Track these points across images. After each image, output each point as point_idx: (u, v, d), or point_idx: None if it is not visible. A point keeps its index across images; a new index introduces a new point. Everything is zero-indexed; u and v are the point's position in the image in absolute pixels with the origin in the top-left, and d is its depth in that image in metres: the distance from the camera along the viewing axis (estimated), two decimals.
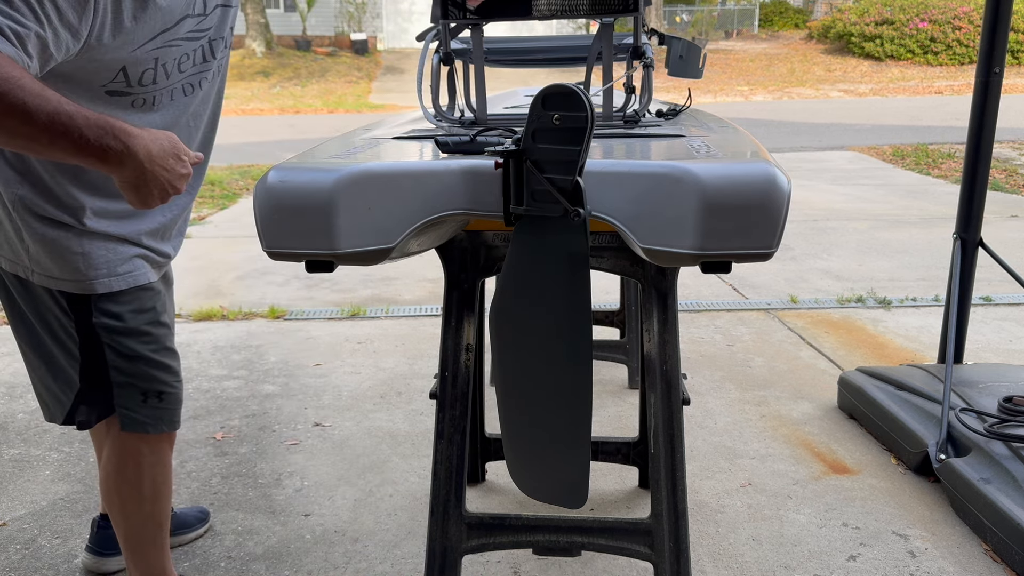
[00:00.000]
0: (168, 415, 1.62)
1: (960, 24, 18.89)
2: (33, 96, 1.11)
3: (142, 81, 1.37)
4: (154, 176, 1.27)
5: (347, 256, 1.19)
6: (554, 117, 1.11)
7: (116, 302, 1.50)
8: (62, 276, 1.46)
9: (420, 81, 1.75)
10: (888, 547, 2.01)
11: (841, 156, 8.63)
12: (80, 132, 1.16)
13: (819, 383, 2.99)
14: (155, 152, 1.26)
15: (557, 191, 1.13)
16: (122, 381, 1.55)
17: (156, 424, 1.60)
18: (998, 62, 2.44)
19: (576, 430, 1.22)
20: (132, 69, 1.34)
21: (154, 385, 1.58)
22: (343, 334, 3.59)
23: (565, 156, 1.12)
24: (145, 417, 1.58)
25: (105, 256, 1.47)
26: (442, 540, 1.56)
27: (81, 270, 1.45)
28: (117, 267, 1.49)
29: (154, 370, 1.57)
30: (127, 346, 1.53)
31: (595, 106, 1.22)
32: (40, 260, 1.45)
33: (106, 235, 1.47)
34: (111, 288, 1.49)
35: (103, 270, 1.47)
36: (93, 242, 1.45)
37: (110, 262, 1.48)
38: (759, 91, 16.83)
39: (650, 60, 1.80)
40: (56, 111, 1.14)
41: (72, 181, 1.42)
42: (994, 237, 2.85)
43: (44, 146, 1.17)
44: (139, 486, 1.64)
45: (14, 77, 1.10)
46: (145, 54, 1.34)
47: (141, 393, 1.56)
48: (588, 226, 1.14)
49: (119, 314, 1.51)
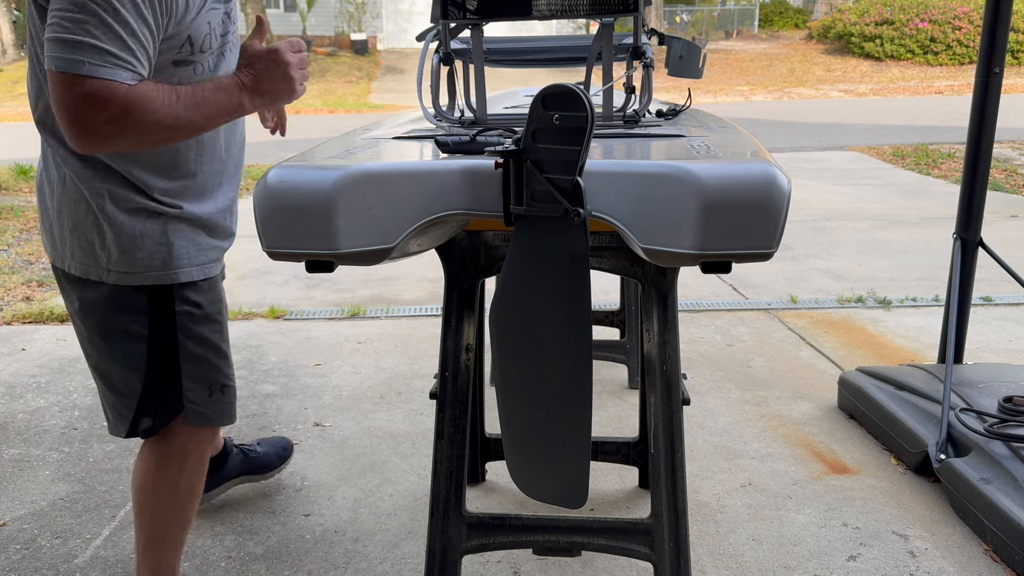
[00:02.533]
0: (228, 408, 1.68)
1: (960, 24, 18.89)
2: (174, 105, 1.33)
3: (202, 47, 1.43)
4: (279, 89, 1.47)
5: (347, 256, 1.19)
6: (554, 117, 1.11)
7: (196, 290, 1.57)
8: (145, 270, 1.51)
9: (420, 81, 1.75)
10: (888, 547, 2.01)
11: (841, 156, 8.63)
12: (220, 106, 1.40)
13: (819, 383, 2.99)
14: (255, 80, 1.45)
15: (557, 191, 1.13)
16: (193, 373, 1.60)
17: (220, 417, 1.66)
18: (998, 62, 2.43)
19: (576, 430, 1.22)
20: (195, 35, 1.40)
21: (219, 378, 1.64)
22: (343, 334, 3.59)
23: (565, 156, 1.12)
24: (211, 411, 1.64)
25: (186, 247, 1.54)
26: (442, 540, 1.56)
27: (166, 260, 1.52)
28: (197, 257, 1.56)
29: (220, 360, 1.64)
30: (202, 335, 1.59)
31: (595, 106, 1.22)
32: (121, 259, 1.49)
33: (188, 224, 1.54)
34: (192, 277, 1.56)
35: (185, 260, 1.54)
36: (176, 233, 1.52)
37: (191, 252, 1.55)
38: (759, 91, 16.83)
39: (650, 60, 1.80)
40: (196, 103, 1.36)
41: (146, 169, 1.48)
42: (994, 237, 2.85)
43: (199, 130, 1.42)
44: (176, 487, 1.67)
45: (157, 98, 1.31)
46: (201, 18, 1.40)
47: (208, 387, 1.62)
48: (588, 226, 1.14)
49: (198, 302, 1.58)
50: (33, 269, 4.74)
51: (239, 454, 2.27)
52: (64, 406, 2.89)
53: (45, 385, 3.07)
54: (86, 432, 2.69)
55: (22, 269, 4.73)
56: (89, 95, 1.24)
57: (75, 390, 3.03)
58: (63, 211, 1.50)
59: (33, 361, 3.32)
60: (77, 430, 2.70)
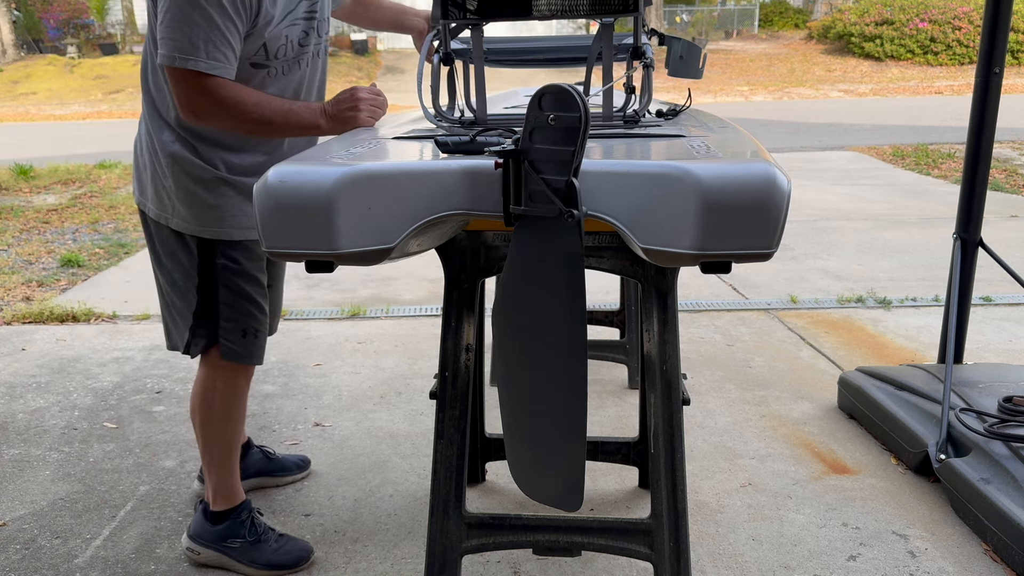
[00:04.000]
0: (259, 350, 1.94)
1: (960, 24, 18.88)
2: (265, 106, 1.69)
3: (276, 55, 1.75)
4: (347, 118, 1.76)
5: (347, 256, 1.19)
6: (549, 117, 1.11)
7: (235, 248, 1.84)
8: (198, 224, 1.80)
9: (420, 81, 1.76)
10: (888, 547, 2.01)
11: (841, 156, 8.62)
12: (300, 118, 1.74)
13: (819, 383, 2.99)
14: (334, 106, 1.76)
15: (552, 191, 1.13)
16: (230, 316, 1.87)
17: (250, 357, 1.92)
18: (998, 62, 2.43)
19: (571, 433, 1.22)
20: (271, 44, 1.72)
21: (252, 323, 1.90)
22: (343, 334, 3.59)
23: (560, 156, 1.12)
24: (243, 349, 1.90)
25: (232, 212, 1.81)
26: (442, 540, 1.56)
27: (214, 219, 1.80)
28: (241, 221, 1.82)
29: (255, 309, 1.90)
30: (238, 286, 1.86)
31: (595, 106, 1.22)
32: (181, 210, 1.80)
33: (238, 191, 1.81)
34: (232, 237, 1.82)
35: (229, 222, 1.81)
36: (226, 198, 1.80)
37: (236, 217, 1.81)
38: (759, 91, 16.82)
39: (650, 60, 1.80)
40: (283, 111, 1.72)
41: (212, 145, 1.78)
42: (994, 237, 2.85)
43: (280, 133, 1.79)
44: (211, 408, 1.94)
45: (252, 101, 1.68)
46: (280, 31, 1.72)
47: (242, 329, 1.88)
48: (583, 226, 1.14)
49: (236, 258, 1.84)
50: (33, 269, 4.74)
51: (259, 453, 2.35)
52: (64, 406, 2.89)
53: (45, 385, 3.07)
54: (86, 432, 2.69)
55: (22, 269, 4.73)
56: (199, 87, 1.62)
57: (75, 390, 3.03)
58: (147, 165, 1.83)
59: (33, 361, 3.32)
60: (77, 430, 2.70)
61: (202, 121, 1.71)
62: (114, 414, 2.82)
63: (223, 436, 1.98)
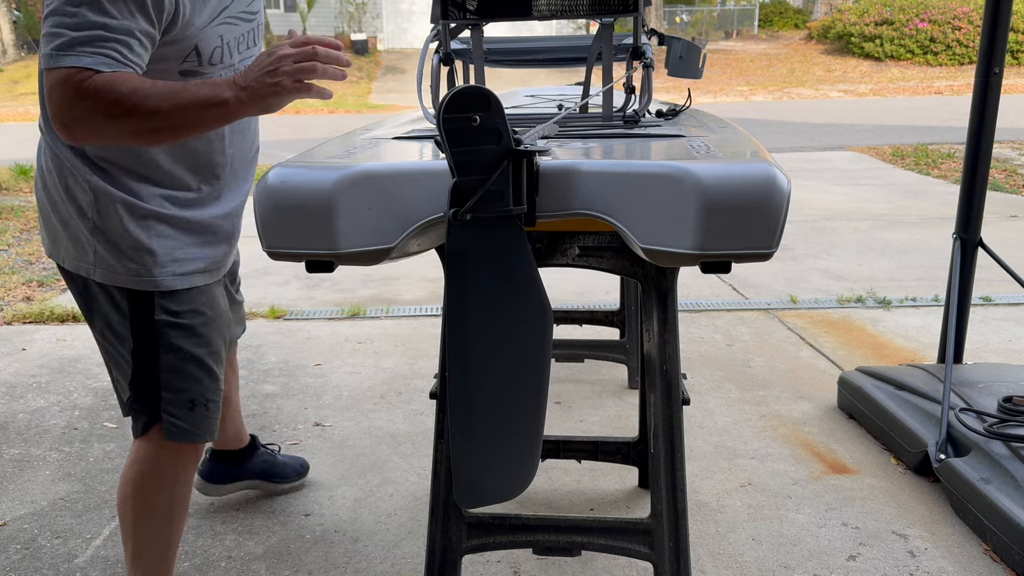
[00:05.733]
0: (211, 424, 1.60)
1: (960, 24, 18.88)
2: (156, 96, 1.27)
3: (211, 60, 1.43)
4: (264, 84, 1.28)
5: (347, 256, 1.19)
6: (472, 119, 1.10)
7: (178, 300, 1.52)
8: (127, 272, 1.47)
9: (420, 81, 1.76)
10: (888, 547, 2.01)
11: (841, 156, 8.63)
12: (195, 95, 1.29)
13: (819, 383, 2.99)
14: (247, 74, 1.30)
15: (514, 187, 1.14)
16: (174, 384, 1.54)
17: (200, 434, 1.58)
18: (998, 62, 2.44)
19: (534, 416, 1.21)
20: (203, 47, 1.41)
21: (202, 392, 1.57)
22: (343, 334, 3.59)
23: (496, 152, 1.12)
24: (192, 425, 1.56)
25: (171, 255, 1.49)
26: (442, 540, 1.56)
27: (147, 266, 1.47)
28: (184, 265, 1.51)
29: (204, 375, 1.56)
30: (184, 347, 1.53)
31: (595, 106, 1.22)
32: (105, 256, 1.47)
33: (178, 227, 1.50)
34: (173, 286, 1.50)
35: (168, 268, 1.49)
36: (164, 238, 1.48)
37: (176, 261, 1.50)
38: (759, 91, 16.82)
39: (650, 60, 1.80)
40: (170, 91, 1.28)
41: (140, 174, 1.46)
42: (994, 237, 2.84)
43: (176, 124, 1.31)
44: (152, 505, 1.60)
45: (128, 88, 1.25)
46: (212, 31, 1.41)
47: (190, 400, 1.55)
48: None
49: (179, 313, 1.52)
50: (33, 269, 4.74)
51: (265, 454, 2.27)
52: (64, 406, 2.89)
53: (45, 385, 3.08)
54: (86, 432, 2.69)
55: (22, 269, 4.73)
56: (71, 87, 1.24)
57: (75, 390, 3.03)
58: (56, 206, 1.49)
59: (33, 361, 3.32)
60: (77, 430, 2.70)
61: (76, 133, 1.30)
62: (114, 414, 2.82)
63: (163, 535, 1.62)
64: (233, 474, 2.23)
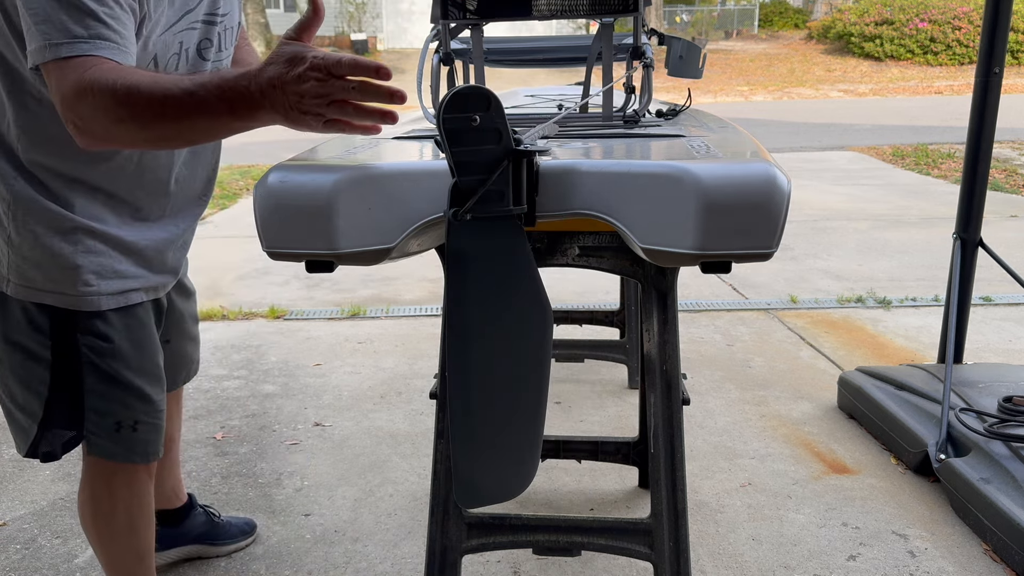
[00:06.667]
0: (142, 446, 1.48)
1: (960, 24, 18.88)
2: (160, 88, 1.10)
3: (168, 67, 1.32)
4: (291, 97, 1.05)
5: (347, 256, 1.19)
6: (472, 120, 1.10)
7: (106, 321, 1.39)
8: (48, 288, 1.35)
9: (420, 81, 1.75)
10: (888, 547, 2.01)
11: (841, 156, 8.63)
12: (217, 89, 1.08)
13: (819, 383, 2.99)
14: (273, 75, 1.05)
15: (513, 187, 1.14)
16: (98, 406, 1.43)
17: (127, 454, 1.47)
18: (998, 62, 2.44)
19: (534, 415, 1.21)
20: (162, 55, 1.30)
21: (131, 414, 1.45)
22: (343, 334, 3.59)
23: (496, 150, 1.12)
24: (116, 445, 1.46)
25: (101, 272, 1.36)
26: (442, 540, 1.56)
27: (72, 283, 1.34)
28: (114, 284, 1.38)
29: (132, 397, 1.44)
30: (110, 370, 1.41)
31: (595, 106, 1.22)
32: (24, 269, 1.34)
33: (111, 243, 1.38)
34: (100, 307, 1.37)
35: (96, 286, 1.36)
36: (93, 254, 1.35)
37: (106, 279, 1.37)
38: (759, 91, 16.82)
39: (650, 60, 1.80)
40: (188, 87, 1.10)
41: (72, 182, 1.34)
42: (994, 237, 2.84)
43: (187, 128, 1.13)
44: (112, 522, 1.53)
45: (138, 81, 1.10)
46: (172, 37, 1.30)
47: (115, 422, 1.44)
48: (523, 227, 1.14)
49: (107, 335, 1.39)
50: None
51: (203, 515, 2.01)
52: None
53: None
54: None
55: None
56: (71, 78, 1.11)
57: None
58: None
59: None
60: None
61: (92, 136, 1.15)
62: None
63: (132, 547, 1.57)
64: (171, 537, 1.94)
